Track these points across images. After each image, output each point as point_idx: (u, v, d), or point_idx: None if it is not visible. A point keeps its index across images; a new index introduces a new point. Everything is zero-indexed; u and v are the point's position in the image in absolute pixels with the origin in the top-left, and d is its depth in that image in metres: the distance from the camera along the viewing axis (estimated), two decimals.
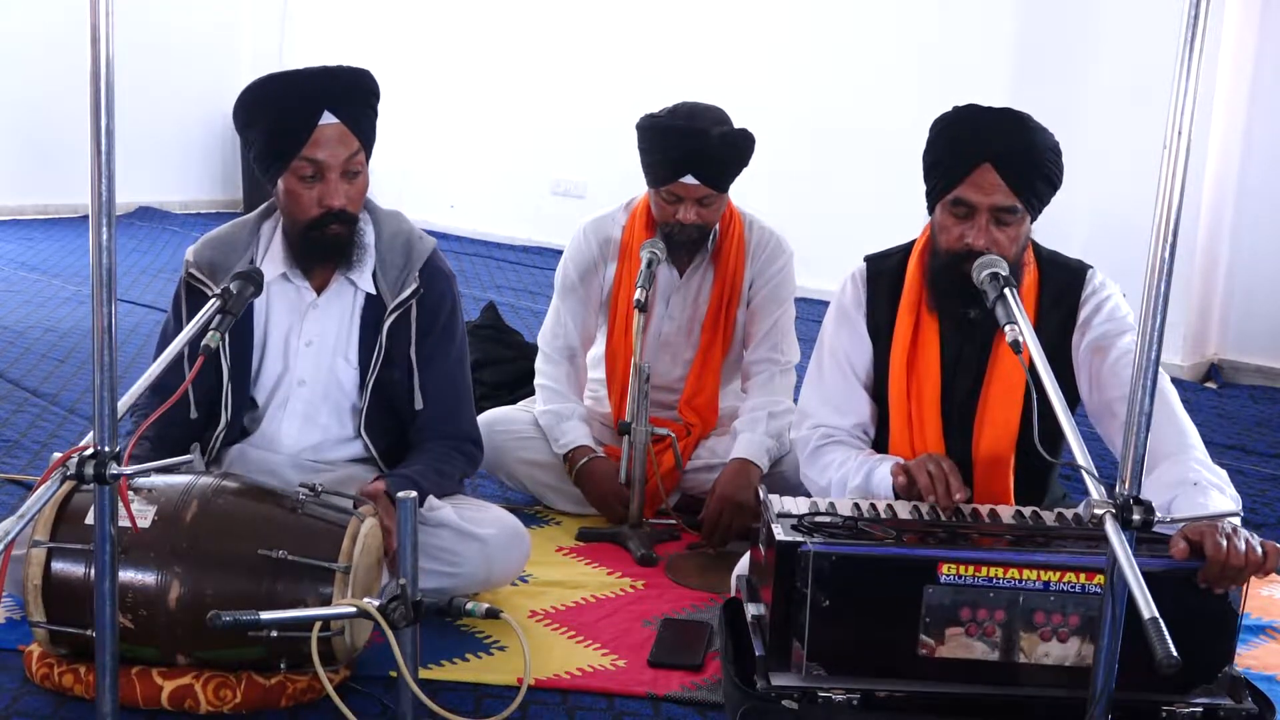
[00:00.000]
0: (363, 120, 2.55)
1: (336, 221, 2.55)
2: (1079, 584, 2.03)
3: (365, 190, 2.61)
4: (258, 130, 2.54)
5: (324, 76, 2.53)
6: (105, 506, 1.82)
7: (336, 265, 2.63)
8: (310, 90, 2.50)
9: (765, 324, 3.36)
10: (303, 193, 2.53)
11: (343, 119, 2.50)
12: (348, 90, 2.54)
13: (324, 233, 2.56)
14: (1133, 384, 1.77)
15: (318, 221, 2.55)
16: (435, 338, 2.68)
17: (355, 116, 2.53)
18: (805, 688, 2.05)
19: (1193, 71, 1.68)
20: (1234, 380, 5.52)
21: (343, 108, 2.51)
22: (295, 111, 2.49)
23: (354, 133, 2.52)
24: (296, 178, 2.52)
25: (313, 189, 2.52)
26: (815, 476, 2.63)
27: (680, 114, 3.19)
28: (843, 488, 2.53)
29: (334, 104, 2.50)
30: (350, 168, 2.53)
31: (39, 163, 7.92)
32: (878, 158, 6.29)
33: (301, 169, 2.51)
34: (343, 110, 2.51)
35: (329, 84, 2.52)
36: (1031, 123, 2.47)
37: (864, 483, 2.50)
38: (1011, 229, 2.44)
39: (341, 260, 2.61)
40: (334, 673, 2.24)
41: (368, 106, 2.57)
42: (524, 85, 7.86)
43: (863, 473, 2.51)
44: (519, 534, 2.72)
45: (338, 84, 2.53)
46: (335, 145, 2.50)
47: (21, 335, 5.06)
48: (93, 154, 1.72)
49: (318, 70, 2.55)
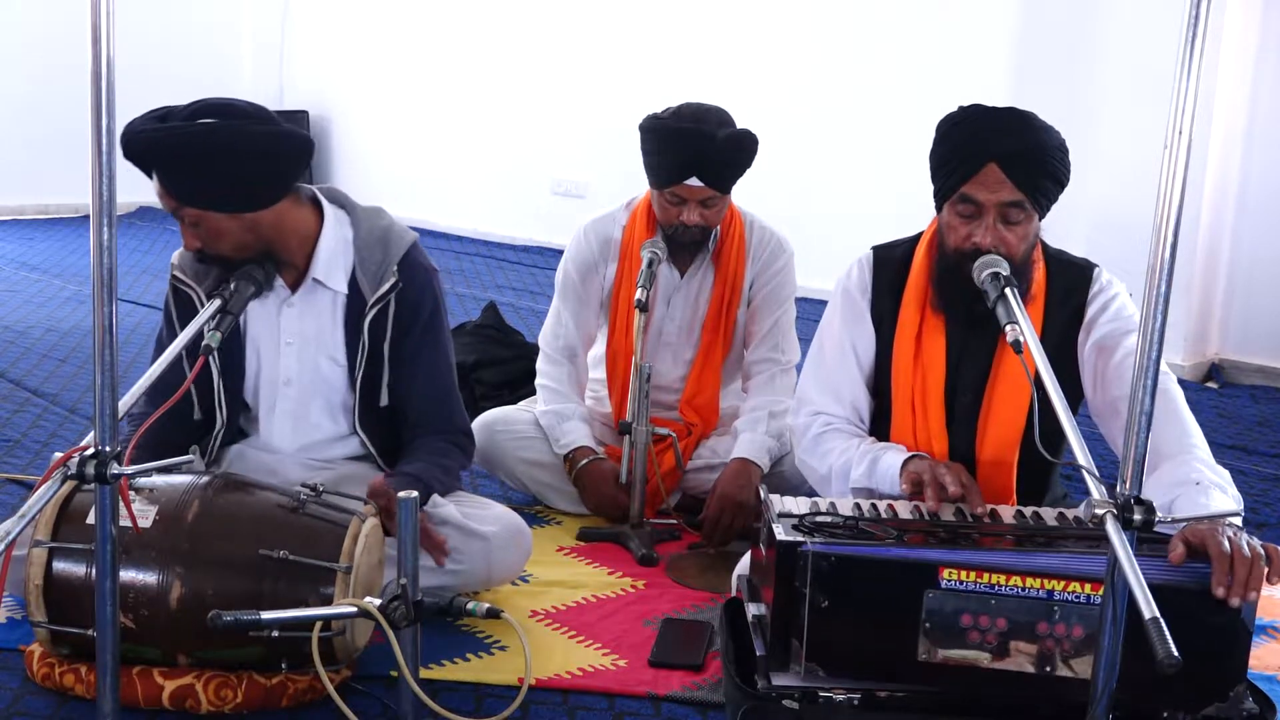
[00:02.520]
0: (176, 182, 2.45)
1: (205, 260, 2.55)
2: (1083, 594, 2.01)
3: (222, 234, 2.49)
4: None
5: (142, 139, 2.44)
6: (106, 506, 1.82)
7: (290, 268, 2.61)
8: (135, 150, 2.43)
9: (766, 324, 3.36)
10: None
11: (159, 181, 2.46)
12: (162, 154, 2.44)
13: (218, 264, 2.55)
14: (1133, 383, 1.77)
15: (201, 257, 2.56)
16: (419, 332, 2.67)
17: (168, 179, 2.45)
18: (805, 688, 2.05)
19: (1193, 71, 1.68)
20: (1235, 380, 5.52)
21: (158, 170, 2.45)
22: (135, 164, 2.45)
23: (169, 193, 2.45)
24: None
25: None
26: (814, 464, 2.61)
27: (685, 116, 3.18)
28: (845, 475, 2.52)
29: (151, 167, 2.45)
30: (183, 216, 2.48)
31: (39, 163, 7.92)
32: (879, 158, 6.29)
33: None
34: (159, 172, 2.45)
35: (146, 147, 2.44)
36: (1037, 121, 2.46)
37: (868, 470, 2.48)
38: (1020, 227, 2.43)
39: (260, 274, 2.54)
40: (335, 673, 2.24)
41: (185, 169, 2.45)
42: (524, 85, 7.86)
43: (867, 461, 2.49)
44: (521, 531, 2.73)
45: (154, 147, 2.44)
46: (163, 198, 2.47)
47: (22, 335, 5.06)
48: (93, 154, 1.72)
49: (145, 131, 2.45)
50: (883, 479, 2.46)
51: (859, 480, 2.49)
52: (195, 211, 2.47)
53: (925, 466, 2.37)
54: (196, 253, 2.53)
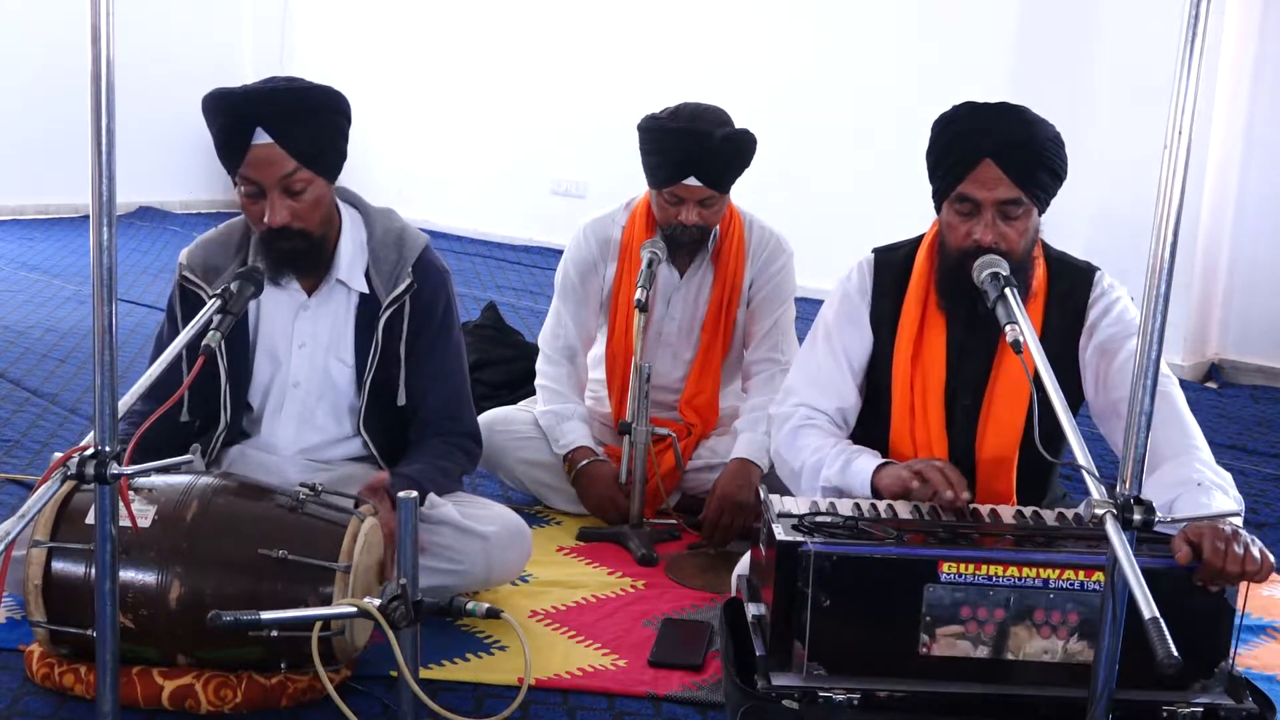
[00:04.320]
0: (301, 138, 2.46)
1: (283, 238, 2.51)
2: (1078, 581, 2.03)
3: (319, 205, 2.53)
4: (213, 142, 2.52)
5: (262, 94, 2.46)
6: (106, 506, 1.82)
7: (304, 273, 2.61)
8: (244, 108, 2.45)
9: (765, 324, 3.37)
10: (249, 208, 2.52)
11: (277, 138, 2.44)
12: (289, 109, 2.46)
13: (277, 248, 2.53)
14: (1133, 384, 1.77)
15: (267, 237, 2.53)
16: (431, 334, 2.68)
17: (292, 135, 2.45)
18: (806, 688, 2.05)
19: (1193, 71, 1.68)
20: (1234, 380, 5.52)
21: (278, 126, 2.44)
22: (230, 129, 2.46)
23: (290, 151, 2.45)
24: (243, 193, 2.51)
25: (257, 205, 2.50)
26: (788, 457, 2.60)
27: (683, 115, 3.18)
28: (816, 474, 2.51)
29: (268, 122, 2.43)
30: (291, 186, 2.47)
31: (39, 163, 7.92)
32: (879, 158, 6.29)
33: (245, 186, 2.49)
34: (277, 129, 2.44)
35: (265, 102, 2.45)
36: (1030, 115, 2.46)
37: (840, 471, 2.47)
38: (1019, 223, 2.43)
39: (309, 269, 2.59)
40: (334, 673, 2.24)
41: (313, 124, 2.49)
42: (524, 85, 7.86)
43: (839, 461, 2.48)
44: (521, 532, 2.72)
45: (276, 102, 2.46)
46: (268, 164, 2.44)
47: (22, 335, 5.06)
48: (93, 154, 1.72)
49: (261, 87, 2.49)
50: (853, 481, 2.45)
51: (830, 479, 2.48)
52: (307, 176, 2.47)
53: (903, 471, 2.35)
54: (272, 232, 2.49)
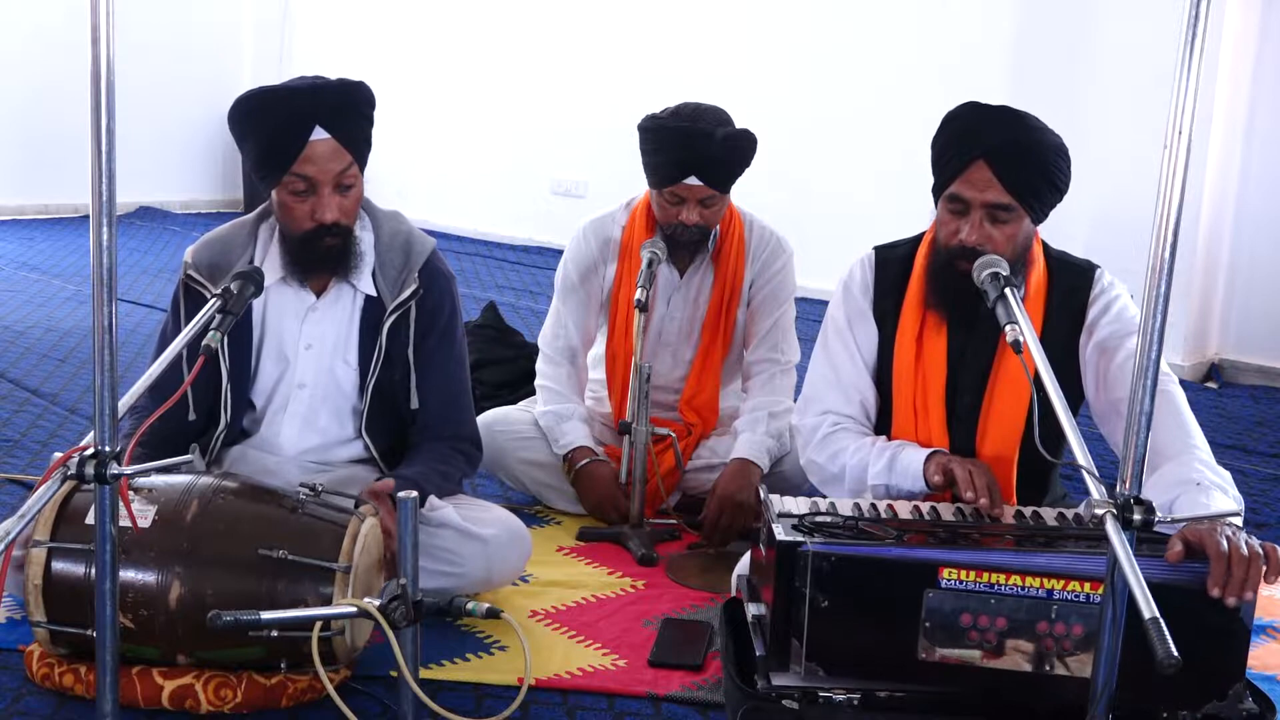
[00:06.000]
0: (355, 133, 2.52)
1: (330, 235, 2.54)
2: (1083, 593, 2.02)
3: (359, 200, 2.60)
4: (251, 144, 2.53)
5: (315, 92, 2.49)
6: (106, 506, 1.82)
7: (334, 271, 2.63)
8: (301, 106, 2.47)
9: (765, 324, 3.37)
10: (295, 206, 2.52)
11: (334, 134, 2.48)
12: (340, 105, 2.51)
13: (318, 245, 2.55)
14: (1133, 383, 1.77)
15: (311, 235, 2.54)
16: (435, 338, 2.68)
17: (348, 130, 2.50)
18: (805, 688, 2.05)
19: (1193, 71, 1.68)
20: (1234, 380, 5.52)
21: (334, 122, 2.48)
22: (286, 128, 2.47)
23: (346, 147, 2.50)
24: (289, 192, 2.51)
25: (305, 203, 2.51)
26: (825, 463, 2.60)
27: (683, 115, 3.18)
28: (860, 472, 2.51)
29: (325, 119, 2.47)
30: (343, 181, 2.51)
31: (39, 163, 7.92)
32: (878, 157, 6.29)
33: (294, 184, 2.49)
34: (334, 125, 2.48)
35: (320, 99, 2.48)
36: (1032, 121, 2.46)
37: (887, 466, 2.48)
38: (1008, 227, 2.43)
39: (339, 268, 2.61)
40: (334, 673, 2.24)
41: (361, 119, 2.54)
42: (524, 85, 7.86)
43: (885, 458, 2.49)
44: (520, 534, 2.72)
45: (329, 99, 2.50)
46: (327, 160, 2.48)
47: (22, 335, 5.06)
48: (93, 154, 1.72)
49: (309, 85, 2.52)
50: (904, 475, 2.45)
51: (878, 477, 2.48)
52: (355, 171, 2.52)
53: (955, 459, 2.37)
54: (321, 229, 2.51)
